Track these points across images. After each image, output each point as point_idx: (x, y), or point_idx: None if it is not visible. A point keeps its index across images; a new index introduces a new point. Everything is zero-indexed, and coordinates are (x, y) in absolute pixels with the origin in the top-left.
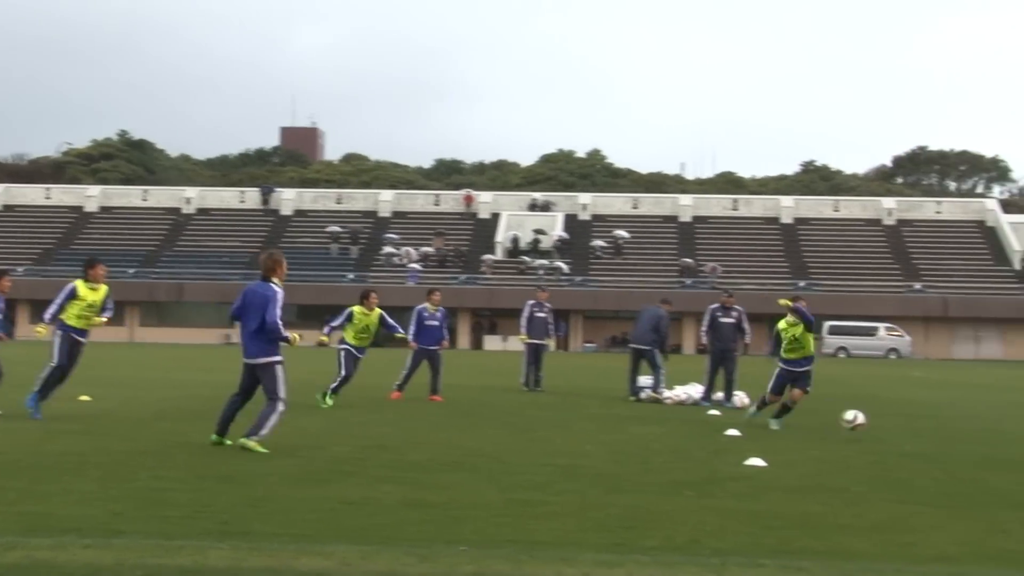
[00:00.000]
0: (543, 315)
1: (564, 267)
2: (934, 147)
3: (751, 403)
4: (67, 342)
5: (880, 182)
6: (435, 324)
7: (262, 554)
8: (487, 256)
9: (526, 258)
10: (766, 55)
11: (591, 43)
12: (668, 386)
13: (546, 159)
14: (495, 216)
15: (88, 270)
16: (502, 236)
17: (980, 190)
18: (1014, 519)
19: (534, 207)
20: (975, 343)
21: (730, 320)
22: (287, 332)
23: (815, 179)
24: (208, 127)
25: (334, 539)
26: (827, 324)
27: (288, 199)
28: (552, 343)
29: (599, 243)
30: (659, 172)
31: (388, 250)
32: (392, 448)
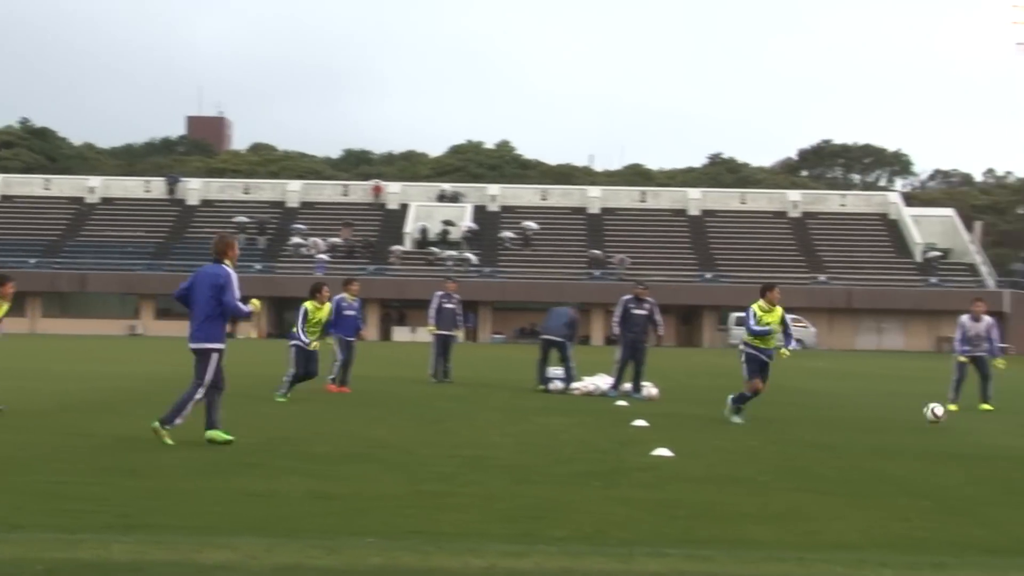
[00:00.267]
0: (452, 306)
1: (473, 258)
2: (838, 140)
3: (731, 407)
4: None
5: (786, 175)
6: (352, 314)
7: (165, 547)
8: (396, 247)
9: (435, 249)
10: (674, 48)
11: (500, 34)
12: (577, 377)
13: (455, 150)
14: (404, 207)
15: None
16: (411, 227)
17: (883, 183)
18: (912, 506)
19: (443, 198)
20: (878, 334)
21: (642, 312)
22: (247, 307)
23: (722, 172)
24: (113, 115)
25: (239, 531)
26: (733, 315)
27: (194, 189)
28: (461, 334)
29: (508, 234)
30: (568, 164)
31: (296, 241)
32: (298, 440)
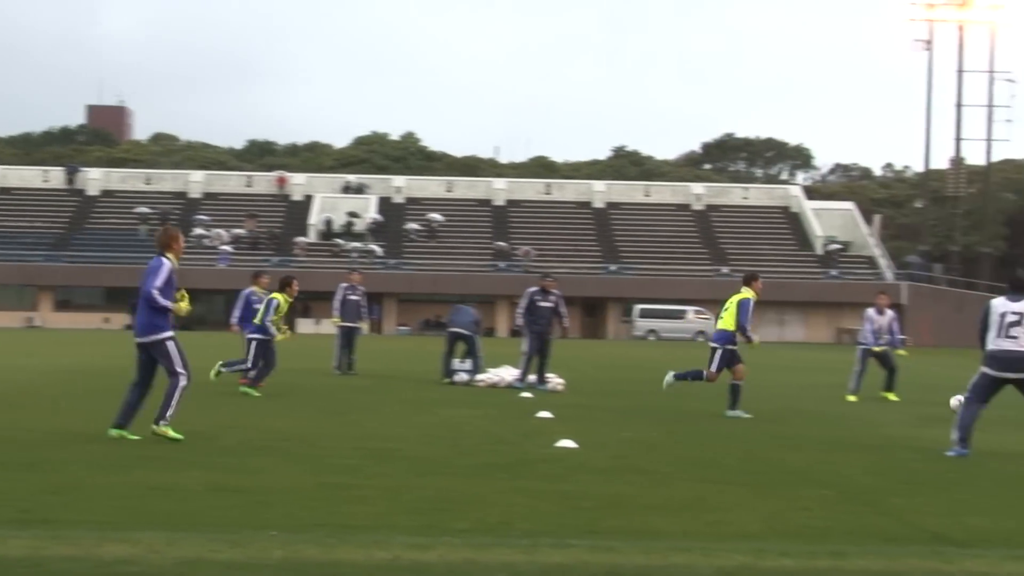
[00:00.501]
0: (356, 298)
1: (378, 250)
2: (741, 134)
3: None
4: None
5: (690, 168)
6: (261, 307)
7: (64, 543)
8: (300, 238)
9: (339, 241)
10: (579, 40)
11: (405, 25)
12: (482, 369)
13: (360, 141)
14: (308, 198)
15: None
16: (315, 218)
17: (785, 177)
18: (813, 496)
19: (348, 189)
20: (779, 326)
21: (549, 304)
22: (166, 301)
23: (626, 164)
24: (9, 103)
25: (140, 526)
26: (637, 307)
27: (95, 179)
28: (365, 326)
29: (413, 226)
30: (473, 156)
31: (199, 232)
32: (201, 433)
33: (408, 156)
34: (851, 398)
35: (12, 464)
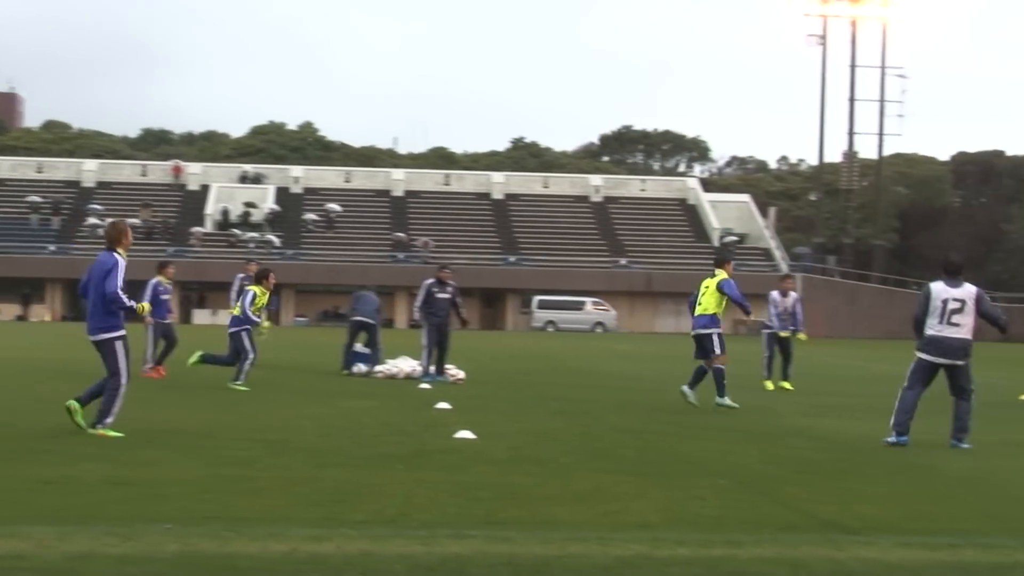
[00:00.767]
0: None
1: (275, 240)
2: (639, 126)
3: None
4: None
5: (588, 159)
6: (168, 298)
7: None
8: (196, 228)
9: (236, 231)
10: (478, 30)
11: (304, 13)
12: (381, 360)
13: (257, 131)
14: (204, 188)
15: None
16: (212, 208)
17: (682, 169)
18: (708, 486)
19: (245, 179)
20: (676, 317)
21: (446, 295)
22: (131, 302)
23: (525, 156)
24: None
25: (30, 520)
26: (536, 299)
27: None
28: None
29: (311, 216)
30: (372, 146)
31: (92, 221)
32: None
33: (306, 146)
34: (768, 385)
35: None
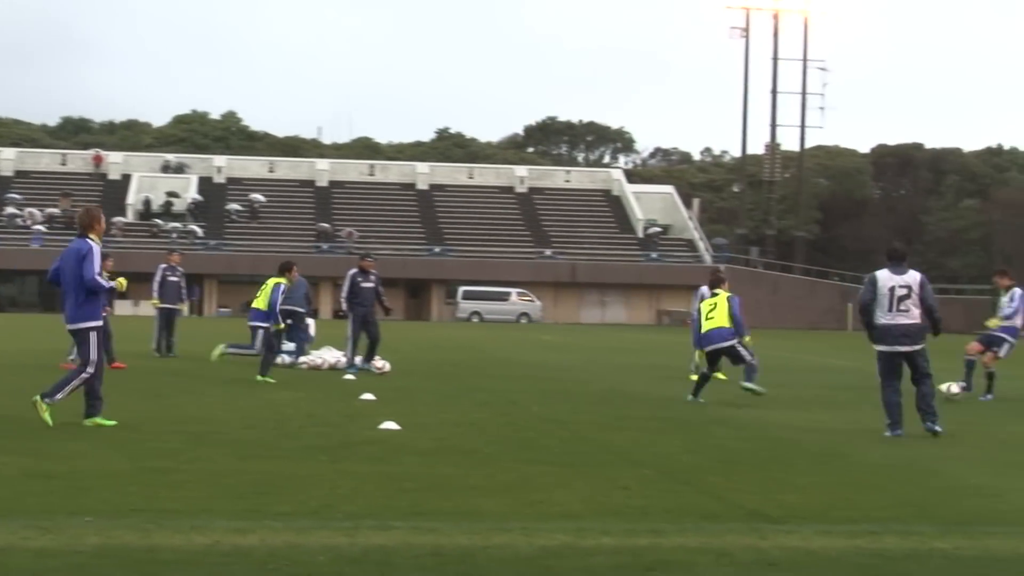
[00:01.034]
0: (176, 279)
1: (198, 230)
2: (563, 118)
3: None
4: None
5: (514, 150)
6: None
7: None
8: (117, 218)
9: (158, 221)
10: (401, 20)
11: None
12: (306, 351)
13: (179, 120)
14: (126, 177)
15: None
16: (133, 198)
17: (607, 160)
18: (633, 476)
19: (167, 169)
20: (601, 307)
21: (370, 284)
22: (109, 282)
23: (450, 146)
24: None
25: None
26: (461, 289)
27: None
28: (185, 308)
29: (234, 207)
30: (296, 136)
31: (10, 211)
32: (16, 417)
33: (229, 136)
34: (694, 376)
35: None
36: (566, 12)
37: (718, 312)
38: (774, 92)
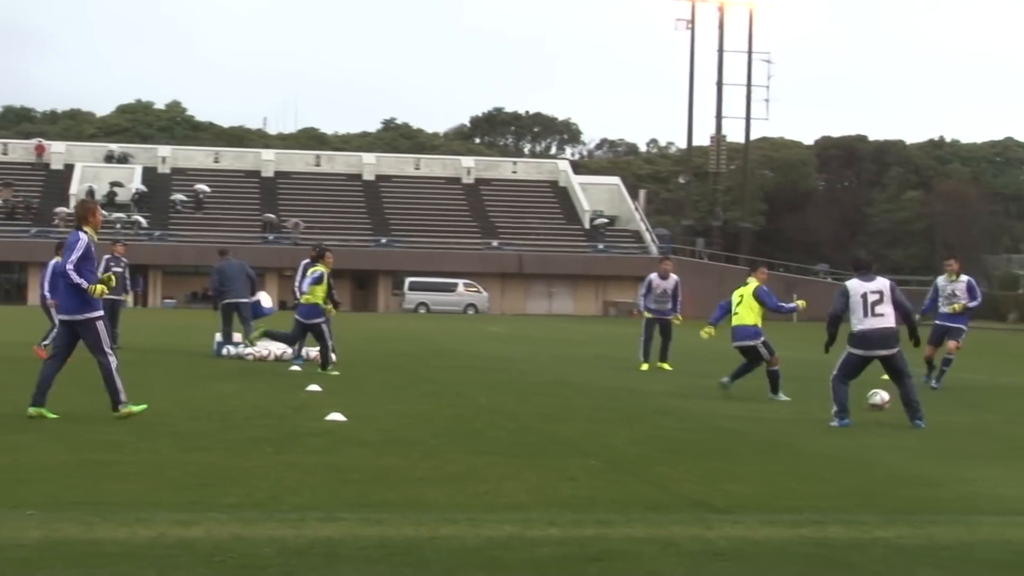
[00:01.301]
0: (120, 270)
1: (142, 221)
2: (510, 108)
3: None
4: None
5: (460, 141)
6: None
7: None
8: (60, 208)
9: (102, 211)
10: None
11: None
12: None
13: (123, 110)
14: (68, 167)
15: None
16: (76, 188)
17: (553, 151)
18: (579, 466)
19: (110, 159)
20: (548, 299)
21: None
22: (80, 280)
23: (397, 137)
24: None
25: None
26: (408, 280)
27: None
28: (129, 299)
29: (179, 197)
30: (242, 126)
31: None
32: None
33: (174, 126)
34: (643, 367)
35: None
36: (512, 2)
37: (743, 307)
38: (719, 84)
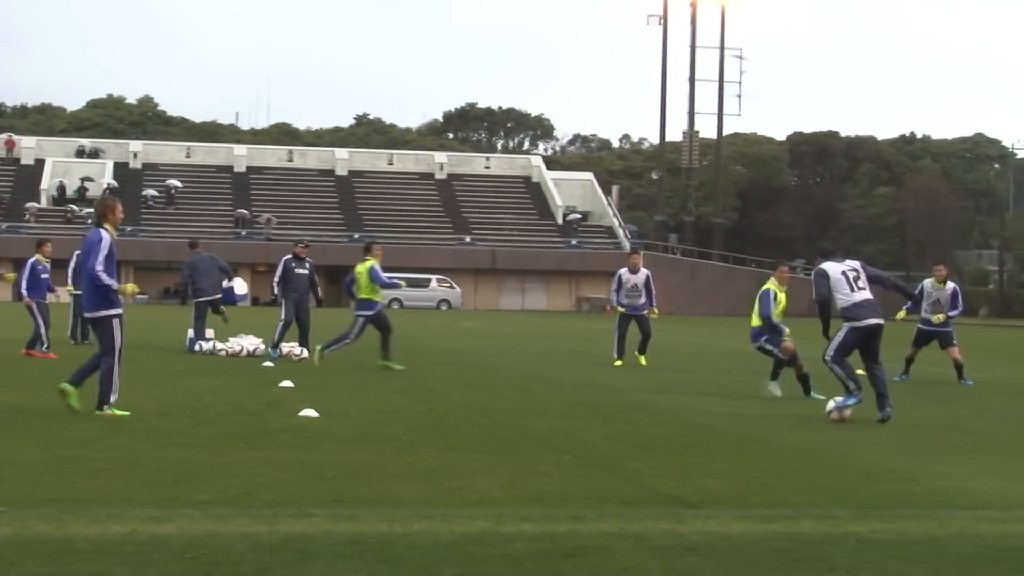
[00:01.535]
0: None
1: None
2: (483, 104)
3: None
4: None
5: (433, 137)
6: (47, 276)
7: None
8: (31, 204)
9: (73, 207)
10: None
11: None
12: (223, 338)
13: (94, 104)
14: (39, 162)
15: None
16: (47, 183)
17: (526, 147)
18: (552, 462)
19: (81, 154)
20: (521, 294)
21: (304, 271)
22: (111, 280)
23: (370, 132)
24: None
25: None
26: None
27: None
28: None
29: (151, 192)
30: (213, 121)
31: None
32: None
33: (146, 120)
34: (617, 363)
35: None
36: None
37: (754, 308)
38: (692, 80)
